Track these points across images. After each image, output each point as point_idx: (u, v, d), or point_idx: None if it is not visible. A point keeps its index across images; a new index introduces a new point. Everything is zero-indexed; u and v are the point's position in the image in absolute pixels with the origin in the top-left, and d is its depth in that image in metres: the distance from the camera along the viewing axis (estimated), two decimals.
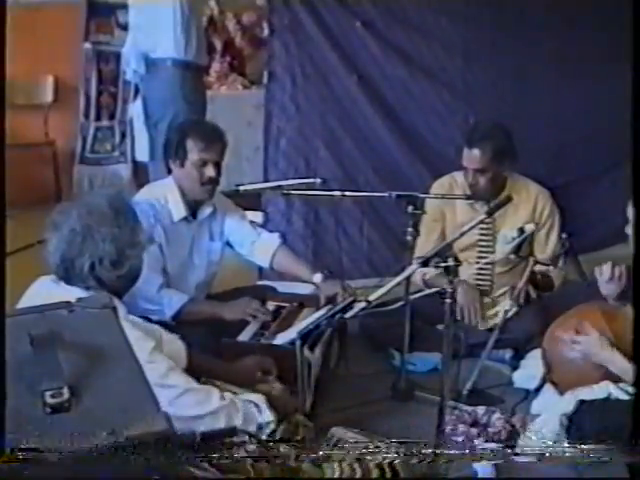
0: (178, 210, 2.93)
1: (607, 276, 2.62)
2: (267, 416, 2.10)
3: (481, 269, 3.29)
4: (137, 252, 2.05)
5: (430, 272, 3.06)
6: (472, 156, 3.11)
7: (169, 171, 2.98)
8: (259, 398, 2.14)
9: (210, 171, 2.89)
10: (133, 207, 2.10)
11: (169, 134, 3.04)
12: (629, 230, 2.50)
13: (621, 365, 2.40)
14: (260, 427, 2.08)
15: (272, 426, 2.10)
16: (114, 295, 2.00)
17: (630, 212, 2.51)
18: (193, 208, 2.99)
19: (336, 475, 1.99)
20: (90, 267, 1.97)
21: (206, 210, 3.03)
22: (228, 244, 3.15)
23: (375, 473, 2.01)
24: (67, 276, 2.00)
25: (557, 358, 2.63)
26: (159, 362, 1.97)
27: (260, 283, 3.50)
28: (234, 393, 2.16)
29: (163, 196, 2.92)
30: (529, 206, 3.28)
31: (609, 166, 4.18)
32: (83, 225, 1.97)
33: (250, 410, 2.09)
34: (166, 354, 2.15)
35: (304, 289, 3.12)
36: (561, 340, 2.60)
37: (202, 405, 2.01)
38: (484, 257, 3.26)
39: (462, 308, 3.10)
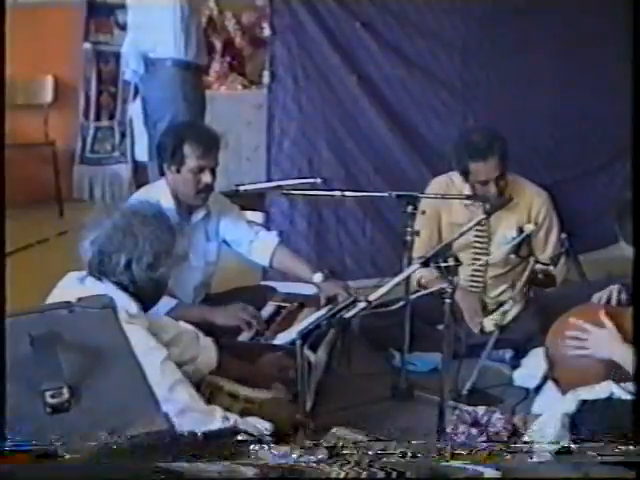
0: (171, 215, 2.90)
1: (603, 301, 2.63)
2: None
3: (475, 270, 3.28)
4: (171, 262, 2.12)
5: (426, 275, 3.06)
6: (488, 167, 3.07)
7: (162, 174, 2.96)
8: (265, 424, 2.10)
9: (207, 177, 2.87)
10: (174, 223, 2.17)
11: (163, 138, 3.01)
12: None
13: (631, 362, 2.38)
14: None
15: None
16: (140, 302, 2.06)
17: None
18: (186, 212, 2.97)
19: (337, 475, 1.99)
20: (127, 263, 2.03)
21: (200, 213, 3.00)
22: (226, 244, 3.14)
23: (375, 473, 2.00)
24: (101, 270, 2.05)
25: (559, 355, 2.62)
26: (168, 374, 1.96)
27: (260, 283, 3.50)
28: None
29: (157, 200, 2.87)
30: (524, 208, 3.26)
31: (605, 163, 4.20)
32: (127, 223, 2.05)
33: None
34: (201, 356, 2.22)
35: (304, 289, 3.11)
36: (569, 332, 2.57)
37: (202, 425, 1.94)
38: (479, 258, 3.25)
39: (466, 315, 3.11)
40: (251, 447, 1.76)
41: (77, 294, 1.58)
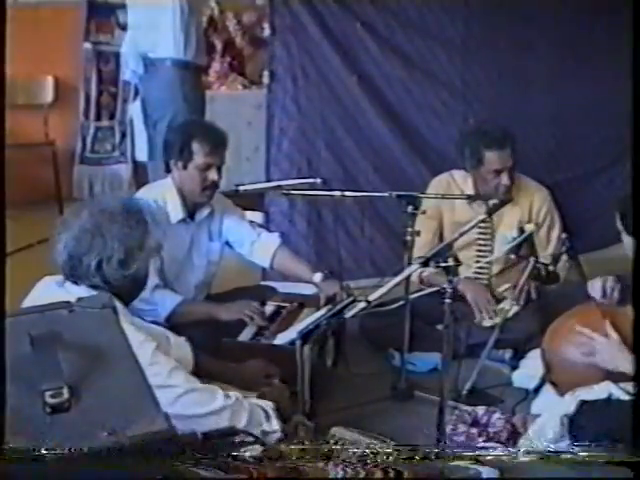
0: (176, 212, 2.92)
1: (599, 294, 2.63)
2: (274, 425, 2.09)
3: (479, 268, 3.29)
4: (144, 256, 2.07)
5: (427, 270, 3.06)
6: (503, 156, 3.11)
7: (168, 171, 2.98)
8: (269, 405, 2.13)
9: (213, 175, 2.89)
10: (146, 212, 2.11)
11: (171, 134, 3.03)
12: (625, 238, 2.49)
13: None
14: (265, 434, 2.06)
15: (277, 435, 2.08)
16: (119, 299, 2.02)
17: (619, 223, 2.50)
18: (191, 210, 2.99)
19: (337, 475, 1.99)
20: (97, 265, 1.99)
21: (204, 211, 3.02)
22: (228, 244, 3.15)
23: (375, 474, 2.01)
24: (73, 274, 2.01)
25: (557, 358, 2.62)
26: (162, 363, 1.97)
27: (260, 283, 3.49)
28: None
29: (161, 197, 2.90)
30: (526, 204, 3.28)
31: (606, 164, 4.20)
32: (94, 223, 1.99)
33: (257, 412, 2.08)
34: (172, 354, 2.16)
35: (304, 289, 3.11)
36: (575, 338, 2.56)
37: (206, 404, 2.00)
38: (483, 256, 3.26)
39: (475, 305, 3.12)
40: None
41: (58, 299, 1.57)
